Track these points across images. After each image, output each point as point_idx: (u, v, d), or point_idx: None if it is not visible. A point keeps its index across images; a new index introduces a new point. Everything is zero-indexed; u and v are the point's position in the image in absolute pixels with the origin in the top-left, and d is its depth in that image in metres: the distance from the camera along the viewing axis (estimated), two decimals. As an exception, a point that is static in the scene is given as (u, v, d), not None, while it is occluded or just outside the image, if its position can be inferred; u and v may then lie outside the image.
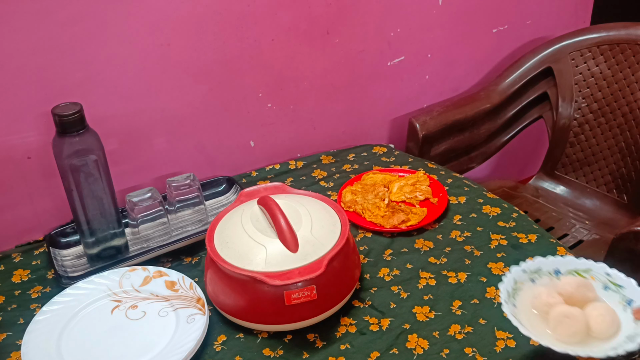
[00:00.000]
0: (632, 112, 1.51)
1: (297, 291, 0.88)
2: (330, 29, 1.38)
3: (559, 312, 0.80)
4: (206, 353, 0.91)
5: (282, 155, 1.46)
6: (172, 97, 1.25)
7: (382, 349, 0.91)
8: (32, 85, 1.09)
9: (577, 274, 0.87)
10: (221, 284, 0.93)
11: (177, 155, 1.31)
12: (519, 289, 0.86)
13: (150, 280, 1.02)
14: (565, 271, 0.88)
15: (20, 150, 1.13)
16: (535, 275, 0.88)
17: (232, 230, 0.96)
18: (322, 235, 0.94)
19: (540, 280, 0.88)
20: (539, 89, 1.64)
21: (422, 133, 1.50)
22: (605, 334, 0.78)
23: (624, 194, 1.55)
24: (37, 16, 1.05)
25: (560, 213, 1.58)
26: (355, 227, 1.18)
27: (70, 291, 1.00)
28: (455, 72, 1.66)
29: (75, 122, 0.98)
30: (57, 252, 1.12)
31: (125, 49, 1.15)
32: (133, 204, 1.11)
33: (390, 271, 1.06)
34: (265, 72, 1.34)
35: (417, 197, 1.23)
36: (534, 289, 0.86)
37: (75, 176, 1.01)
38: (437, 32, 1.55)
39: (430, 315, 0.96)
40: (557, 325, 0.80)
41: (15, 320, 1.00)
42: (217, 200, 1.28)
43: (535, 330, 0.80)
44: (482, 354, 0.89)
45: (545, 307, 0.82)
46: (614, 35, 1.52)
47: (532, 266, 0.88)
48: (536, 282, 0.88)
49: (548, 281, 0.87)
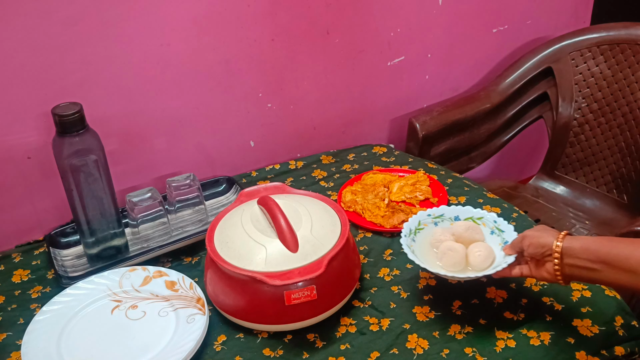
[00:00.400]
0: (632, 112, 1.51)
1: (297, 291, 0.88)
2: (330, 29, 1.38)
3: (444, 245, 0.95)
4: (206, 353, 0.91)
5: (282, 155, 1.46)
6: (172, 97, 1.25)
7: (382, 348, 0.91)
8: (32, 85, 1.09)
9: (472, 220, 1.02)
10: (221, 284, 0.93)
11: (177, 155, 1.31)
12: (422, 229, 1.02)
13: (150, 280, 1.02)
14: (463, 217, 1.03)
15: (20, 150, 1.13)
16: (438, 219, 1.03)
17: (232, 230, 0.96)
18: (322, 235, 0.94)
19: (441, 224, 1.03)
20: (539, 89, 1.64)
21: (422, 133, 1.50)
22: (480, 267, 0.93)
23: (624, 194, 1.55)
24: (37, 16, 1.05)
25: (560, 213, 1.58)
26: (355, 227, 1.18)
27: (70, 291, 1.00)
28: (455, 72, 1.66)
29: (75, 122, 0.98)
30: (57, 252, 1.12)
31: (125, 49, 1.15)
32: (133, 204, 1.11)
33: (390, 271, 1.06)
34: (265, 72, 1.34)
35: (417, 197, 1.23)
36: (434, 229, 1.01)
37: (75, 176, 1.01)
38: (437, 32, 1.55)
39: (430, 315, 0.96)
40: (443, 256, 0.95)
41: (15, 320, 1.00)
42: (217, 200, 1.28)
43: (426, 261, 0.94)
44: (482, 354, 0.89)
45: (437, 242, 0.98)
46: (614, 35, 1.52)
47: (437, 212, 1.03)
48: (438, 225, 1.03)
49: (448, 225, 1.02)
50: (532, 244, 0.85)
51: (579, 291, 0.99)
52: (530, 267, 0.88)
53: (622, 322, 0.94)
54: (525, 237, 0.87)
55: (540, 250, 0.84)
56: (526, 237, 0.86)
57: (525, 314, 0.95)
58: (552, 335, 0.91)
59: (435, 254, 0.97)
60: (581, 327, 0.93)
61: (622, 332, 0.93)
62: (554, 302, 0.97)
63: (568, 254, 0.80)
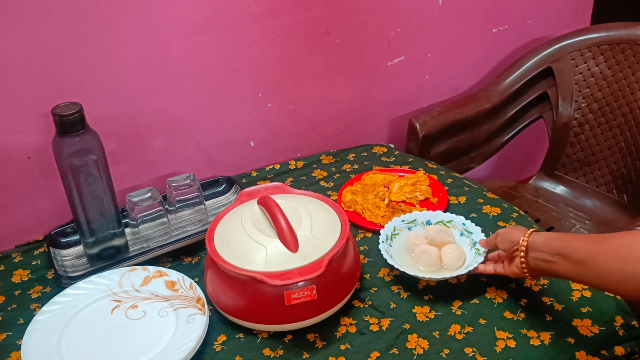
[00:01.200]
0: (632, 112, 1.51)
1: (297, 291, 0.88)
2: (330, 29, 1.38)
3: (419, 249, 1.03)
4: (206, 353, 0.91)
5: (282, 155, 1.46)
6: (172, 97, 1.25)
7: (382, 349, 0.91)
8: (32, 85, 1.09)
9: (442, 224, 1.10)
10: (221, 284, 0.93)
11: (177, 155, 1.31)
12: (397, 234, 1.09)
13: (150, 280, 1.02)
14: (434, 221, 1.11)
15: (20, 150, 1.13)
16: (412, 224, 1.11)
17: (232, 230, 0.96)
18: (322, 235, 0.94)
19: (414, 229, 1.10)
20: (539, 89, 1.64)
21: (422, 133, 1.50)
22: (453, 266, 1.01)
23: (624, 194, 1.55)
24: (37, 16, 1.05)
25: (560, 213, 1.58)
26: (355, 227, 1.18)
27: (70, 291, 1.00)
28: (455, 72, 1.66)
29: (75, 122, 0.98)
30: (57, 252, 1.12)
31: (125, 49, 1.15)
32: (133, 204, 1.11)
33: (390, 271, 1.06)
34: (265, 72, 1.34)
35: (417, 197, 1.23)
36: (408, 234, 1.08)
37: (75, 176, 1.01)
38: (437, 32, 1.55)
39: (430, 315, 0.96)
40: (418, 259, 1.02)
41: (15, 320, 1.00)
42: (217, 200, 1.28)
43: (404, 264, 1.01)
44: (482, 354, 0.89)
45: (412, 246, 1.05)
46: (614, 35, 1.52)
47: (410, 217, 1.11)
48: (411, 230, 1.10)
49: (421, 229, 1.10)
50: (503, 239, 0.92)
51: (579, 291, 0.99)
52: (504, 265, 0.94)
53: (622, 322, 0.94)
54: (498, 234, 0.94)
55: (509, 246, 0.91)
56: (499, 234, 0.94)
57: (525, 314, 0.95)
58: (552, 335, 0.91)
59: (412, 257, 1.04)
60: (581, 327, 0.93)
61: (622, 332, 0.93)
62: (554, 302, 0.97)
63: (532, 247, 0.86)
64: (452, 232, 1.08)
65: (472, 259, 1.01)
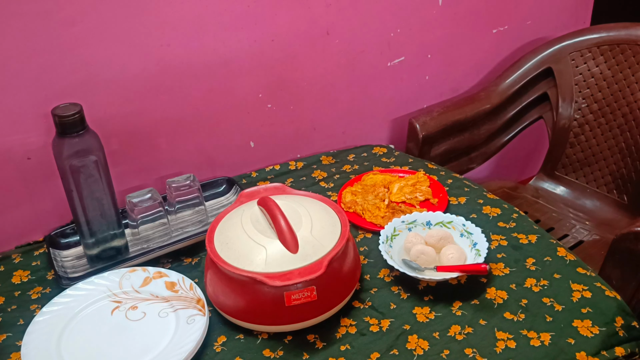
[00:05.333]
0: (632, 112, 1.51)
1: (297, 292, 0.88)
2: (330, 29, 1.38)
3: (416, 249, 1.03)
4: (206, 354, 0.91)
5: (282, 155, 1.46)
6: (172, 98, 1.25)
7: (382, 349, 0.91)
8: (32, 86, 1.09)
9: (442, 225, 1.10)
10: (221, 285, 0.93)
11: (177, 156, 1.31)
12: (397, 235, 1.09)
13: (150, 281, 1.02)
14: (434, 222, 1.10)
15: (20, 151, 1.13)
16: (412, 225, 1.11)
17: (232, 231, 0.96)
18: (322, 236, 0.94)
19: (414, 229, 1.10)
20: (539, 89, 1.64)
21: (422, 133, 1.50)
22: None
23: (624, 195, 1.55)
24: (37, 17, 1.05)
25: (560, 214, 1.58)
26: (355, 228, 1.18)
27: (70, 292, 1.00)
28: (455, 72, 1.66)
29: (75, 123, 0.98)
30: (57, 252, 1.12)
31: (125, 49, 1.15)
32: (133, 205, 1.11)
33: (390, 272, 1.06)
34: (265, 72, 1.34)
35: (417, 198, 1.23)
36: (407, 235, 1.08)
37: (75, 177, 1.01)
38: (437, 32, 1.55)
39: (430, 316, 0.96)
40: (416, 259, 1.02)
41: (15, 321, 1.00)
42: (217, 201, 1.28)
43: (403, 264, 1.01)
44: (482, 354, 0.89)
45: (409, 244, 1.05)
46: (614, 35, 1.52)
47: (410, 218, 1.11)
48: (412, 230, 1.10)
49: (421, 230, 1.10)
50: None
51: (579, 292, 0.99)
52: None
53: (623, 323, 0.94)
54: None
55: None
56: None
57: (525, 314, 0.95)
58: (552, 336, 0.91)
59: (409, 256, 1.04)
60: (581, 327, 0.93)
61: (623, 332, 0.93)
62: (554, 302, 0.97)
63: None
64: (453, 235, 1.07)
65: (472, 260, 1.01)
